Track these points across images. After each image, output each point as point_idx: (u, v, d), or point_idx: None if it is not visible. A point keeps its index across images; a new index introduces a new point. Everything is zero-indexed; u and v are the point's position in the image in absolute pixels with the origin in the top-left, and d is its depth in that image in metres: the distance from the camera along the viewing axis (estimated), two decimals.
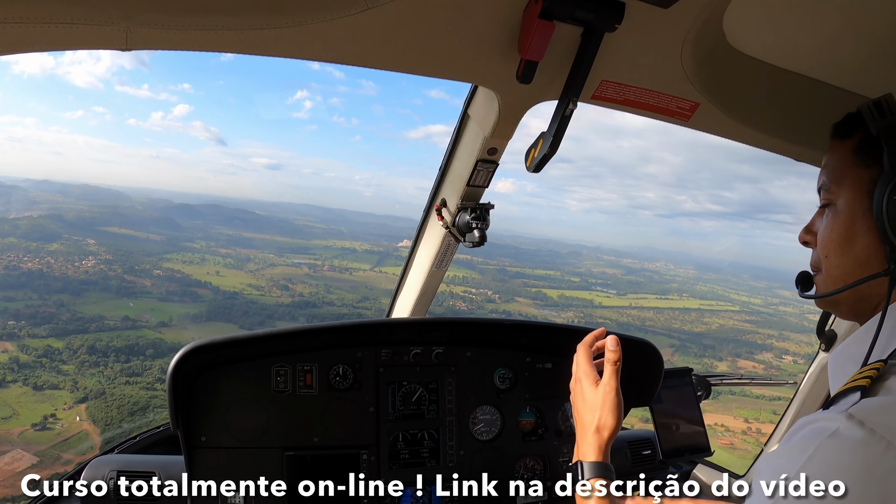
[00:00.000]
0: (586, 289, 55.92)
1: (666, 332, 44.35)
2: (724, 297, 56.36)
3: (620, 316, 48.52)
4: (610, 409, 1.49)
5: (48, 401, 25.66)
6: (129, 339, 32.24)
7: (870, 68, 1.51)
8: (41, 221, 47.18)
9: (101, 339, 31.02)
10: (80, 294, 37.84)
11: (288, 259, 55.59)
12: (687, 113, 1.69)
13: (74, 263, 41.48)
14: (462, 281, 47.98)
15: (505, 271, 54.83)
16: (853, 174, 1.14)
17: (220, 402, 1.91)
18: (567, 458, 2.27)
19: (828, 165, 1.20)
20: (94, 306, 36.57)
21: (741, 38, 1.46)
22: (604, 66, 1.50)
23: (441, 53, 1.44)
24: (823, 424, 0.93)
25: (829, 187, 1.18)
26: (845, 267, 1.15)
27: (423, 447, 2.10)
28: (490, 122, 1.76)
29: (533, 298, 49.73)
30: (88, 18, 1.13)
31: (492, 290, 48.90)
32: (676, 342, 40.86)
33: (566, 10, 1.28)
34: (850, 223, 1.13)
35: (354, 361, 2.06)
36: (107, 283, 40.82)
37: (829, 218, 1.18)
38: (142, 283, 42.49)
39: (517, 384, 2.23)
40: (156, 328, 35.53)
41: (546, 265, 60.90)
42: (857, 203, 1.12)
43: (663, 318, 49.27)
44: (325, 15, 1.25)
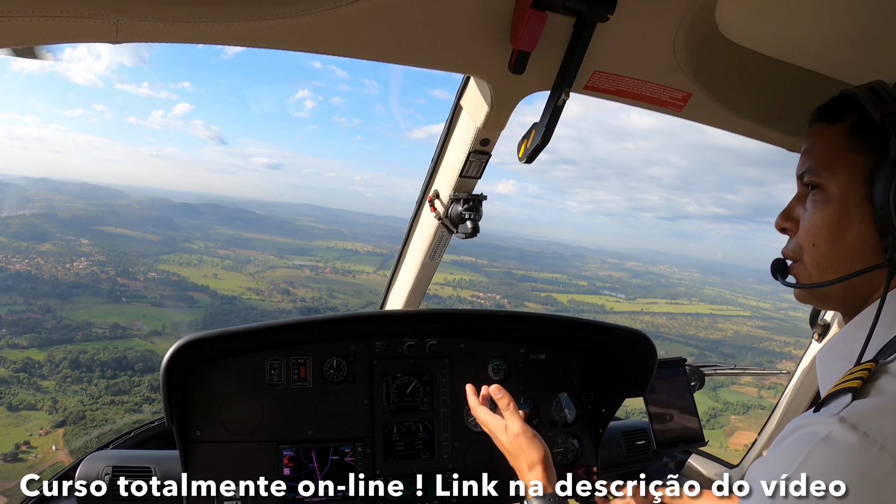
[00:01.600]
0: (594, 293, 54.93)
1: (682, 339, 43.81)
2: (732, 301, 55.41)
3: (633, 322, 46.80)
4: (528, 445, 1.56)
5: (23, 423, 23.79)
6: (116, 350, 30.06)
7: (863, 59, 1.51)
8: (34, 220, 45.36)
9: (85, 352, 28.69)
10: (68, 298, 35.67)
11: (289, 261, 54.24)
12: (679, 103, 1.69)
13: (66, 265, 39.57)
14: (469, 284, 46.98)
15: (511, 274, 53.92)
16: (846, 160, 1.09)
17: (214, 395, 1.91)
18: (562, 449, 2.29)
19: (813, 150, 1.16)
20: (82, 312, 34.51)
21: (734, 28, 1.46)
22: (596, 57, 1.49)
23: (433, 44, 1.44)
24: (815, 428, 0.91)
25: (818, 172, 1.13)
26: (835, 256, 1.11)
27: (418, 439, 2.11)
28: (482, 112, 1.76)
29: (543, 303, 48.60)
30: (77, 11, 1.12)
31: (500, 295, 47.89)
32: (695, 350, 40.28)
33: (559, 0, 1.28)
34: (843, 211, 1.09)
35: (348, 354, 2.06)
36: (98, 286, 38.76)
37: (817, 204, 1.13)
38: (135, 286, 40.58)
39: (511, 375, 2.24)
40: (147, 337, 33.37)
41: (551, 268, 59.97)
42: (852, 191, 1.08)
43: (677, 325, 48.44)
44: (316, 6, 1.24)
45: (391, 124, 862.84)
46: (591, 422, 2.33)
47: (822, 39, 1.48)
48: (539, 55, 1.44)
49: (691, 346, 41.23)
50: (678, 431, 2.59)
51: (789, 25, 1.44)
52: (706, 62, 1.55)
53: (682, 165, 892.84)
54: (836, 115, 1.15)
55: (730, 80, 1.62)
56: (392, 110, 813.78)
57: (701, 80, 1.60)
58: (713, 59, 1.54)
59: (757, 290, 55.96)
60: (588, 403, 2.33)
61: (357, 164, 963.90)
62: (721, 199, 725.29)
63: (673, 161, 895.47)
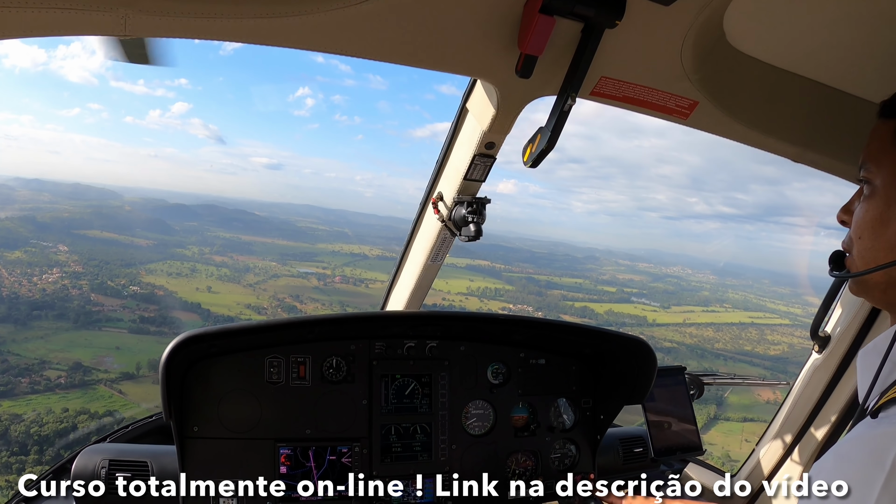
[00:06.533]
0: (626, 301, 52.01)
1: (744, 356, 40.22)
2: (761, 306, 52.82)
3: (682, 336, 43.94)
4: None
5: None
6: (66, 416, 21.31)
7: (869, 70, 1.51)
8: (7, 224, 39.90)
9: (21, 418, 20.48)
10: (26, 323, 28.71)
11: (293, 268, 49.96)
12: (685, 111, 1.69)
13: (32, 278, 33.72)
14: (495, 294, 43.81)
15: (534, 280, 51.38)
16: (892, 156, 1.09)
17: (212, 392, 1.91)
18: (559, 454, 2.28)
19: (869, 144, 1.16)
20: (38, 343, 27.24)
21: (741, 37, 1.46)
22: (603, 63, 1.50)
23: (441, 46, 1.44)
24: (886, 442, 0.92)
25: (868, 167, 1.13)
26: (877, 250, 1.10)
27: (416, 441, 2.10)
28: (488, 116, 1.76)
29: (580, 315, 45.37)
30: (86, 4, 1.12)
31: (533, 307, 45.24)
32: (767, 374, 37.65)
33: (567, 5, 1.28)
34: (886, 206, 1.08)
35: (348, 354, 2.06)
36: (65, 305, 31.77)
37: (865, 199, 1.14)
38: (111, 305, 33.53)
39: (510, 379, 2.24)
40: (115, 384, 25.60)
41: (568, 271, 57.50)
42: (894, 186, 1.08)
43: (728, 338, 44.89)
44: (326, 5, 1.24)
45: (395, 122, 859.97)
46: (589, 428, 2.32)
47: (828, 50, 1.48)
48: (546, 60, 1.44)
49: (756, 365, 36.78)
50: (676, 440, 2.58)
51: (797, 36, 1.44)
52: (713, 71, 1.55)
53: (694, 164, 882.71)
54: (892, 110, 1.14)
55: (736, 89, 1.63)
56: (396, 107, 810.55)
57: (707, 89, 1.60)
58: (720, 67, 1.54)
59: (777, 292, 53.84)
60: (586, 409, 2.33)
61: (357, 164, 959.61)
62: (731, 199, 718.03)
63: (685, 159, 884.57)
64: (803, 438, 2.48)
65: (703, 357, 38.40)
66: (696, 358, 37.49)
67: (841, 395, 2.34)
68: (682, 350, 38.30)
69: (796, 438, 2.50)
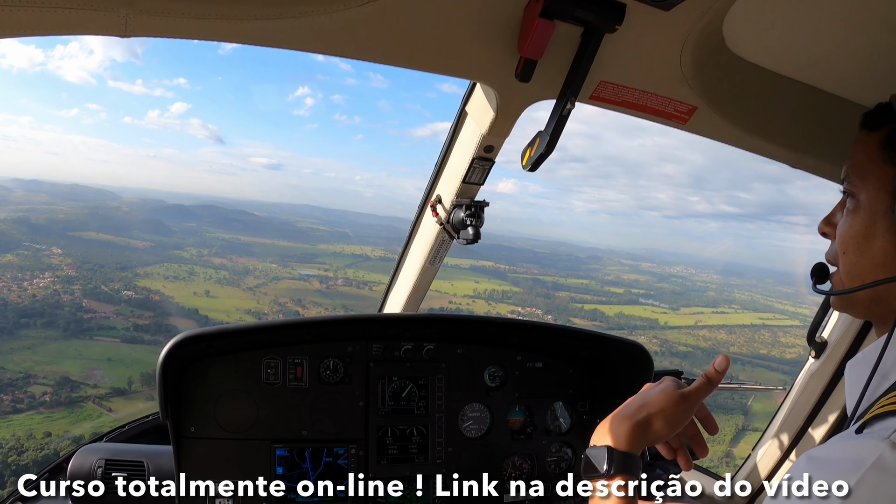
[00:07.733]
0: (634, 302, 51.46)
1: (760, 360, 38.31)
2: (769, 307, 51.76)
3: (696, 339, 42.72)
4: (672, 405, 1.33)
5: None
6: (48, 441, 19.55)
7: (868, 76, 1.52)
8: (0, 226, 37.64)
9: (0, 445, 18.85)
10: (13, 332, 26.95)
11: (294, 270, 48.79)
12: (684, 116, 1.69)
13: (23, 283, 31.91)
14: (502, 296, 43.01)
15: (540, 282, 50.58)
16: (878, 170, 1.07)
17: (209, 392, 1.91)
18: (555, 457, 2.28)
19: (852, 157, 1.14)
20: (25, 354, 25.51)
21: (741, 43, 1.46)
22: (603, 67, 1.50)
23: (441, 49, 1.44)
24: (862, 452, 0.90)
25: (852, 180, 1.11)
26: (862, 266, 1.09)
27: (412, 443, 2.10)
28: (487, 119, 1.76)
29: (590, 318, 44.66)
30: (86, 3, 1.12)
31: (542, 310, 44.32)
32: (787, 379, 36.54)
33: (567, 9, 1.28)
34: (870, 221, 1.07)
35: (345, 355, 2.06)
36: (56, 312, 29.93)
37: (849, 213, 1.11)
38: (104, 312, 31.78)
39: (507, 382, 2.24)
40: (104, 401, 23.82)
41: (573, 272, 56.37)
42: (879, 201, 1.05)
43: (742, 341, 43.26)
44: (327, 7, 1.24)
45: (395, 121, 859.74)
46: (586, 431, 2.32)
47: (828, 56, 1.48)
48: (546, 64, 1.44)
49: (775, 370, 34.40)
50: None
51: (797, 42, 1.45)
52: (712, 76, 1.55)
53: (697, 162, 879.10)
54: (876, 123, 1.12)
55: (735, 94, 1.63)
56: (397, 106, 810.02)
57: (706, 94, 1.60)
58: (719, 73, 1.54)
59: (782, 292, 52.96)
60: (583, 413, 2.33)
61: (357, 164, 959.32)
62: (733, 198, 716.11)
63: (688, 158, 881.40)
64: (800, 441, 2.48)
65: None
66: (706, 359, 36.92)
67: (836, 402, 2.35)
68: (699, 354, 37.17)
69: (794, 441, 2.50)
